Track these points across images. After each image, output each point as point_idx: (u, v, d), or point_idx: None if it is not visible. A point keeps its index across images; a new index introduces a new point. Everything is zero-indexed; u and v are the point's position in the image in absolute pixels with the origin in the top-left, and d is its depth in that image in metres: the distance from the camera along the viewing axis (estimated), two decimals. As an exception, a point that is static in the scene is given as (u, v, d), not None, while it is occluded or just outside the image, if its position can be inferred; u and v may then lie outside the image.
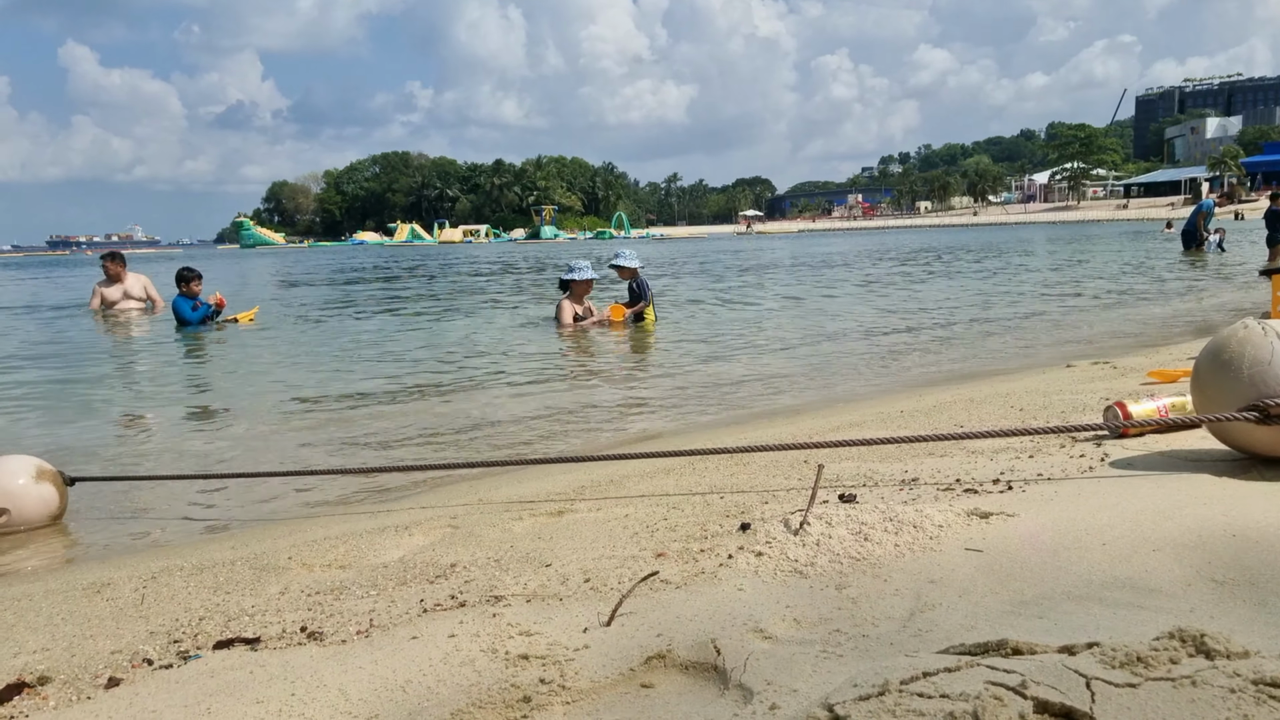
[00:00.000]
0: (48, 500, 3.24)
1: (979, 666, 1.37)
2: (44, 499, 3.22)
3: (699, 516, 2.65)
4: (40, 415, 5.77)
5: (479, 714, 1.54)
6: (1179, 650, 1.38)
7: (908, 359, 7.16)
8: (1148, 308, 10.27)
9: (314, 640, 1.94)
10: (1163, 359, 5.59)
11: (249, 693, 1.67)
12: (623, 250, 9.86)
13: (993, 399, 4.45)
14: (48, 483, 3.25)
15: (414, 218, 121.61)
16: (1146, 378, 4.73)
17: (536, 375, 6.72)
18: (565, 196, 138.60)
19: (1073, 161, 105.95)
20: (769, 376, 6.51)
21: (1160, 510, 2.25)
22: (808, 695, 1.44)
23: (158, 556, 2.81)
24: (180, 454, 4.58)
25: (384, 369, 7.31)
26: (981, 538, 2.17)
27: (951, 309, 10.89)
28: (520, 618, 1.93)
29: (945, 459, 3.15)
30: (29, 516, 3.19)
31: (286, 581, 2.40)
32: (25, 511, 3.18)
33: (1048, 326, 8.97)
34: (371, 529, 2.87)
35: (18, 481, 3.18)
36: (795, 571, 2.07)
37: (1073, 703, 1.24)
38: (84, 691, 1.78)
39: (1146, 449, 2.97)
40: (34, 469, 3.25)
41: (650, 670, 1.65)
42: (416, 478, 3.83)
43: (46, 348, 9.49)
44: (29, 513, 3.19)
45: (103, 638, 2.08)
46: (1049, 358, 6.80)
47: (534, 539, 2.58)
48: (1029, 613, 1.71)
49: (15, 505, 3.15)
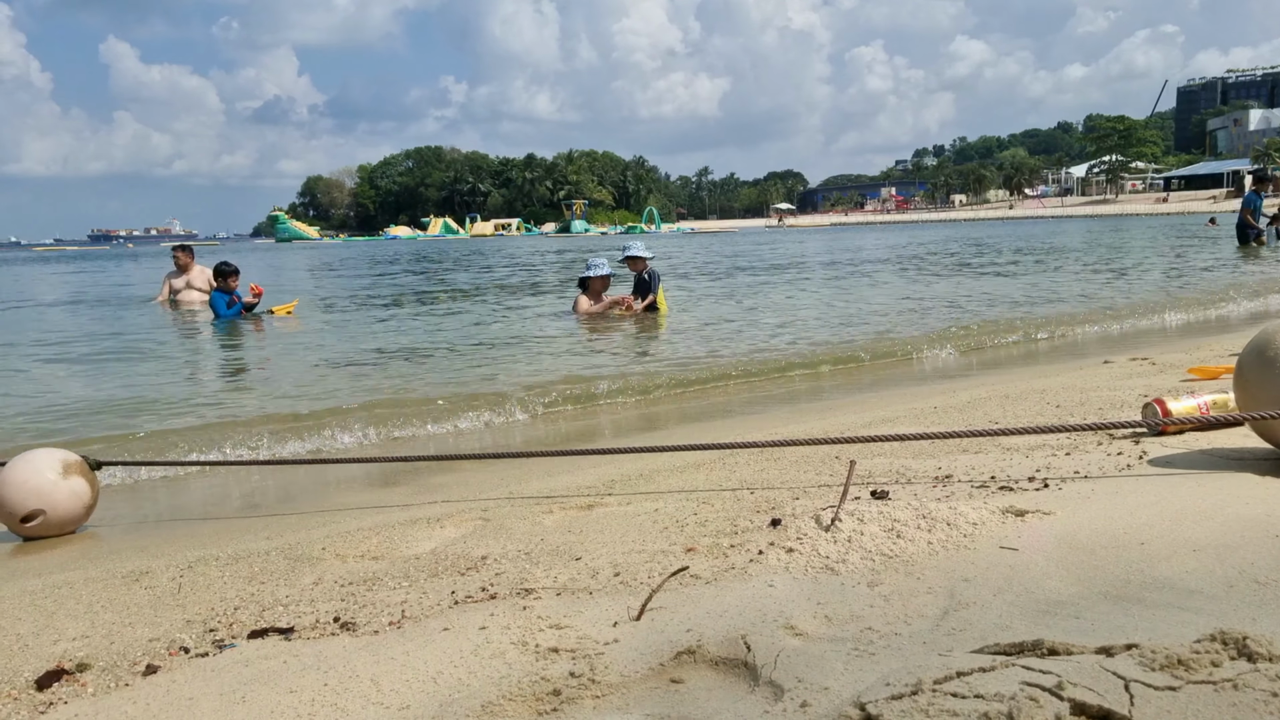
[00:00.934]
0: (79, 493, 3.16)
1: (1014, 667, 1.35)
2: (76, 492, 3.14)
3: (729, 512, 2.64)
4: (80, 392, 5.88)
5: (509, 706, 1.54)
6: (1220, 653, 1.35)
7: (942, 350, 7.09)
8: (1193, 302, 10.08)
9: (347, 631, 1.96)
10: (1204, 355, 5.48)
11: (283, 682, 1.69)
12: (631, 243, 10.10)
13: (1029, 395, 4.40)
14: (76, 475, 3.17)
15: (446, 212, 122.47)
16: (1187, 374, 4.65)
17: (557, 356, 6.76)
18: (596, 191, 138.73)
19: (1111, 154, 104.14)
20: (800, 365, 6.48)
21: (1201, 510, 2.21)
22: (839, 693, 1.43)
23: (194, 546, 2.85)
24: (210, 440, 4.64)
25: (422, 356, 7.39)
26: (1017, 536, 2.14)
27: (988, 302, 10.79)
28: (550, 611, 1.94)
29: (980, 456, 3.11)
30: (63, 514, 3.12)
31: (320, 572, 2.43)
32: (59, 509, 3.10)
33: (1086, 319, 8.84)
34: (404, 521, 2.89)
35: (48, 478, 3.10)
36: (827, 568, 2.06)
37: (1111, 705, 1.22)
38: (122, 678, 1.81)
39: (1187, 447, 2.92)
40: (60, 463, 3.16)
41: (680, 665, 1.65)
42: (448, 468, 3.85)
43: (109, 342, 9.69)
44: (63, 510, 3.11)
45: (141, 626, 2.11)
46: (1089, 352, 6.70)
47: (564, 532, 2.59)
48: (1065, 613, 1.69)
49: (49, 504, 3.08)
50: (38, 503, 3.07)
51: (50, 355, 8.59)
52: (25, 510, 3.05)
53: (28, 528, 3.08)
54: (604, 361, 6.89)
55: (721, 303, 11.99)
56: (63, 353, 8.72)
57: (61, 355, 8.54)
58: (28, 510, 3.05)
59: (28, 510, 3.05)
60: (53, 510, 3.10)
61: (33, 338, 10.41)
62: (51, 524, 3.12)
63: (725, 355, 7.06)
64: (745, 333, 8.60)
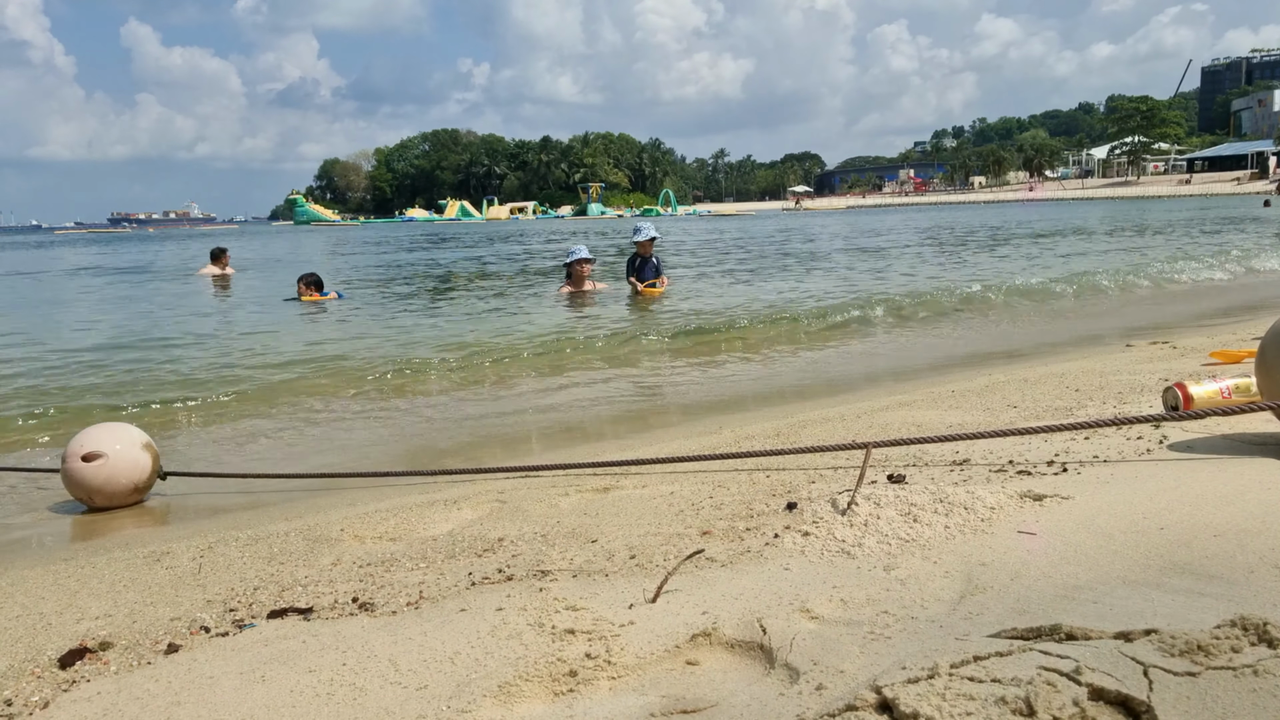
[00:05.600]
0: (141, 466, 3.29)
1: (1032, 651, 1.35)
2: (139, 465, 3.28)
3: (745, 495, 2.64)
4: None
5: (525, 687, 1.55)
6: (1241, 639, 1.34)
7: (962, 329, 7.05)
8: (1219, 287, 9.96)
9: (365, 611, 1.98)
10: (1225, 339, 5.42)
11: (302, 661, 1.71)
12: (641, 225, 10.27)
13: (1047, 379, 4.36)
14: (148, 455, 3.33)
15: (463, 195, 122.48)
16: (1208, 358, 4.60)
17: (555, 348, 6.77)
18: (612, 173, 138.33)
19: (1133, 135, 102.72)
20: (819, 345, 6.46)
21: (1222, 495, 2.19)
22: (855, 676, 1.43)
23: (214, 527, 2.88)
24: (246, 436, 4.68)
25: (439, 338, 7.43)
26: (1035, 520, 2.13)
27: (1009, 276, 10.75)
28: (566, 592, 1.94)
29: (997, 439, 3.09)
30: (122, 478, 3.24)
31: (339, 553, 2.44)
32: (121, 467, 3.23)
33: (1109, 305, 8.76)
34: (421, 503, 2.90)
35: (130, 438, 3.29)
36: (842, 552, 2.06)
37: (1130, 690, 1.22)
38: (144, 657, 1.83)
39: (1208, 431, 2.89)
40: (142, 441, 3.35)
41: (696, 648, 1.65)
42: (467, 451, 3.87)
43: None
44: (124, 473, 3.24)
45: (162, 605, 2.14)
46: (1108, 335, 6.64)
47: (580, 515, 2.60)
48: (1083, 598, 1.68)
49: (114, 459, 3.22)
50: (106, 449, 3.22)
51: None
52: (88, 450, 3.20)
53: (87, 467, 3.20)
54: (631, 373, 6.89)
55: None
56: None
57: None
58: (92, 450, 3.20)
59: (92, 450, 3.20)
60: (114, 460, 3.23)
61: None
62: (104, 475, 3.21)
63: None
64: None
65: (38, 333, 9.07)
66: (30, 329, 9.47)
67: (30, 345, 8.02)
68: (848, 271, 13.33)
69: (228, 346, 7.49)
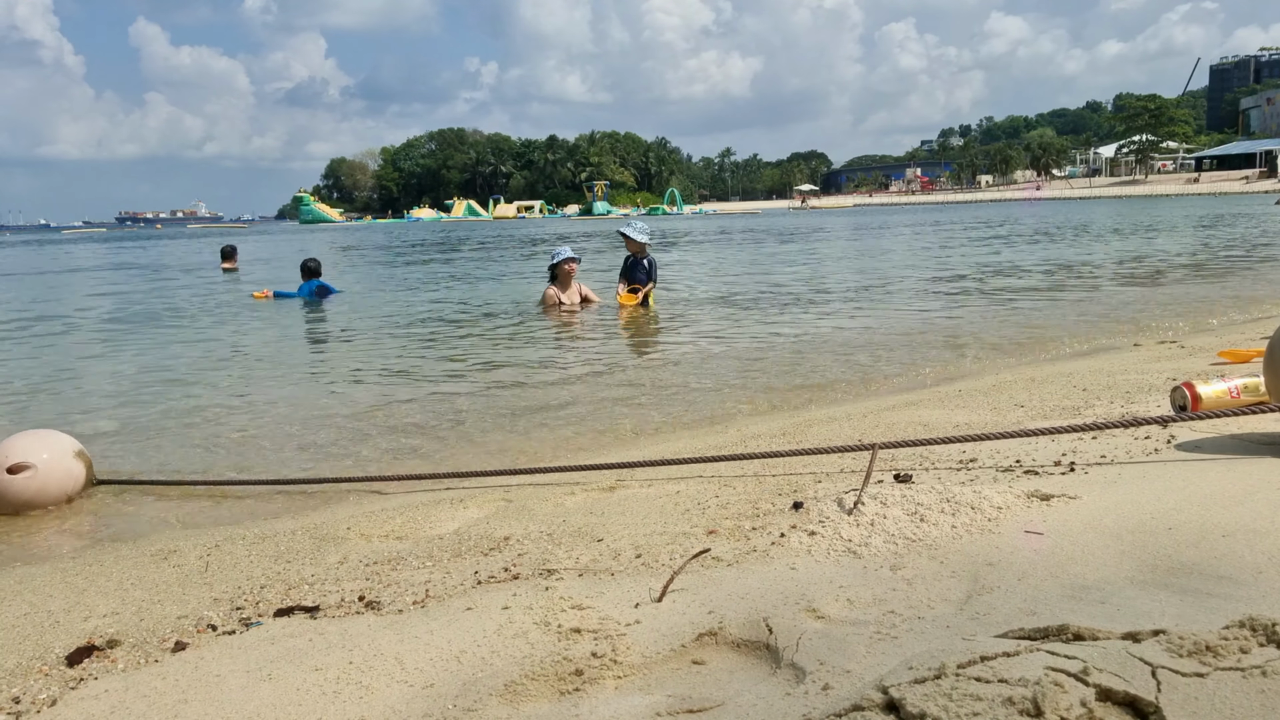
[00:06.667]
0: (75, 476, 3.25)
1: (1039, 651, 1.34)
2: (72, 474, 3.24)
3: (751, 494, 2.64)
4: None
5: (532, 686, 1.55)
6: (1249, 639, 1.33)
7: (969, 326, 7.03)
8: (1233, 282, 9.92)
9: (372, 609, 1.98)
10: (1234, 338, 5.40)
11: (308, 660, 1.71)
12: (635, 221, 9.50)
13: (1055, 379, 4.35)
14: (80, 464, 3.30)
15: (469, 194, 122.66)
16: (1217, 358, 4.58)
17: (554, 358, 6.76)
18: (617, 172, 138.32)
19: (1141, 134, 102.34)
20: (824, 345, 6.45)
21: (1231, 495, 2.18)
22: (861, 677, 1.43)
23: (221, 525, 2.89)
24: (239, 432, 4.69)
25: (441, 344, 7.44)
26: (1042, 520, 2.12)
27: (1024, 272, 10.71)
28: (572, 591, 1.94)
29: (1005, 439, 3.08)
30: (54, 489, 3.20)
31: (345, 551, 2.45)
32: (53, 478, 3.18)
33: (1119, 304, 8.73)
34: (427, 501, 2.91)
35: (60, 446, 3.23)
36: (849, 551, 2.05)
37: (1137, 691, 1.21)
38: (151, 655, 1.83)
39: (1216, 431, 2.88)
40: (75, 450, 3.30)
41: (702, 647, 1.65)
42: (475, 449, 3.87)
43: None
44: (56, 484, 3.20)
45: (169, 603, 2.14)
46: (1118, 333, 6.61)
47: (586, 514, 2.60)
48: (1091, 598, 1.67)
49: (44, 470, 3.15)
50: (34, 460, 3.14)
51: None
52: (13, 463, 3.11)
53: (14, 479, 3.11)
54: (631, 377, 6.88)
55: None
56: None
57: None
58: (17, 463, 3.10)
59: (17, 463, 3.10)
60: (45, 475, 3.16)
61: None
62: (34, 487, 3.14)
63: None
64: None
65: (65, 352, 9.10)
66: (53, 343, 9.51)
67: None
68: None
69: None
